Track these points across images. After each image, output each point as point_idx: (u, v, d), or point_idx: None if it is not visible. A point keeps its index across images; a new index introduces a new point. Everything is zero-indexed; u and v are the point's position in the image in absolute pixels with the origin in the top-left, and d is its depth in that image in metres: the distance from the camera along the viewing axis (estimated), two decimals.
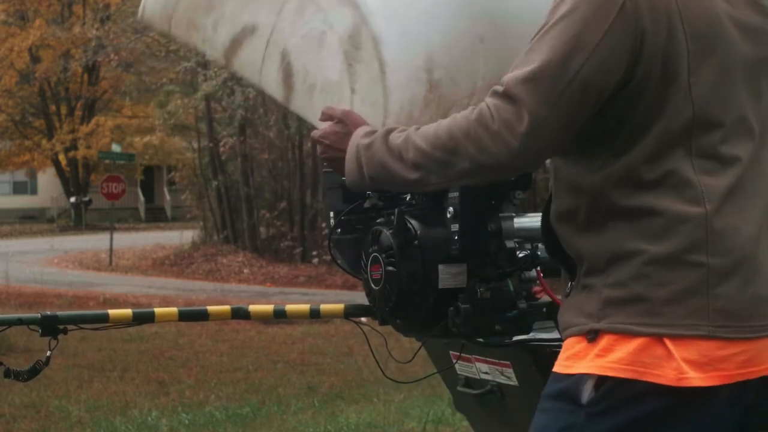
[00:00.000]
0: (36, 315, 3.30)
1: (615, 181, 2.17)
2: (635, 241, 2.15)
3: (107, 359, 11.01)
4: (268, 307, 3.53)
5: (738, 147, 2.21)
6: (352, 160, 2.36)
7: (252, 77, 2.87)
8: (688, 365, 2.11)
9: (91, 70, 39.35)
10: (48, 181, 46.99)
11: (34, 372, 3.27)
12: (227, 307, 3.49)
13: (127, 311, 3.38)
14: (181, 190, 35.88)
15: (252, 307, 3.46)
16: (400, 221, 3.00)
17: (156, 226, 41.38)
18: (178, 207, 43.82)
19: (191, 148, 29.65)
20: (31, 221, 45.23)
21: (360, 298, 3.42)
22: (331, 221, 3.38)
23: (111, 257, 25.73)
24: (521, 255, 3.04)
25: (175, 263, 25.21)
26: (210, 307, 3.46)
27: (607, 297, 2.17)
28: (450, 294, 3.03)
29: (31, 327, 3.32)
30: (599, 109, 2.15)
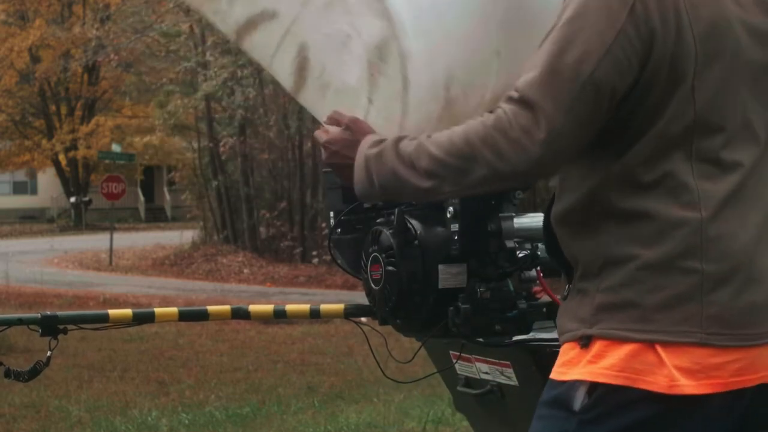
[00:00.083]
0: (36, 315, 3.30)
1: (614, 182, 2.15)
2: (629, 246, 2.13)
3: (107, 359, 11.01)
4: (268, 307, 3.53)
5: (741, 152, 2.18)
6: (361, 168, 2.30)
7: (261, 60, 2.81)
8: (680, 372, 2.10)
9: (91, 70, 39.35)
10: (48, 181, 46.99)
11: (34, 372, 3.27)
12: (227, 307, 3.49)
13: (127, 311, 3.38)
14: (181, 190, 35.87)
15: (252, 307, 3.46)
16: (400, 221, 3.00)
17: (156, 226, 41.38)
18: (178, 207, 43.82)
19: (191, 148, 29.65)
20: (31, 221, 45.23)
21: (360, 298, 3.42)
22: (331, 221, 3.38)
23: (111, 257, 25.73)
24: (521, 255, 3.04)
25: (175, 263, 25.21)
26: (210, 307, 3.46)
27: (600, 302, 2.16)
28: (450, 294, 3.03)
29: (31, 327, 3.32)
30: (613, 113, 2.13)
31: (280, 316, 3.47)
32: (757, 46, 2.21)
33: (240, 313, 3.44)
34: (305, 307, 3.46)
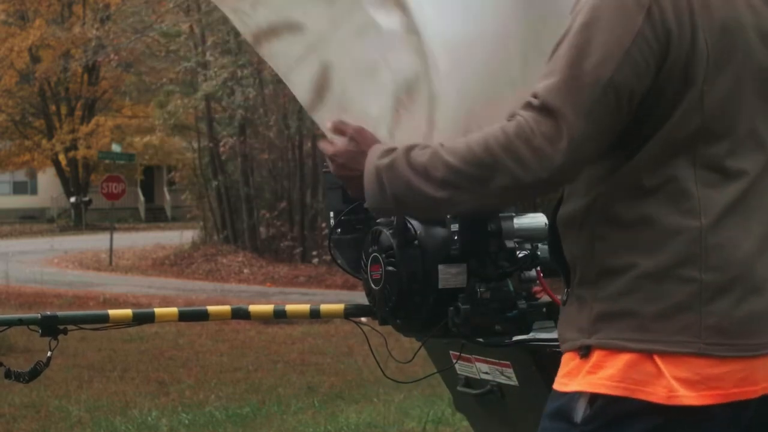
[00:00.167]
0: (36, 315, 3.30)
1: (619, 187, 2.13)
2: (628, 254, 2.11)
3: (107, 359, 11.01)
4: (268, 307, 3.53)
5: (746, 160, 2.15)
6: (371, 181, 2.20)
7: (277, 68, 2.72)
8: (679, 383, 2.07)
9: (91, 70, 39.35)
10: (48, 181, 46.99)
11: (34, 373, 3.27)
12: (227, 307, 3.49)
13: (127, 311, 3.38)
14: (181, 190, 35.87)
15: (252, 307, 3.46)
16: (400, 221, 3.00)
17: (156, 226, 41.38)
18: (178, 207, 43.82)
19: (191, 148, 29.65)
20: (31, 221, 45.23)
21: (360, 298, 3.42)
22: (331, 221, 3.38)
23: (111, 257, 25.73)
24: (521, 255, 3.04)
25: (175, 263, 25.21)
26: (210, 307, 3.46)
27: (598, 311, 2.13)
28: (450, 294, 3.03)
29: (31, 327, 3.32)
30: (631, 117, 2.10)
31: (280, 316, 3.47)
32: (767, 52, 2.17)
33: (240, 313, 3.44)
34: (305, 307, 3.47)
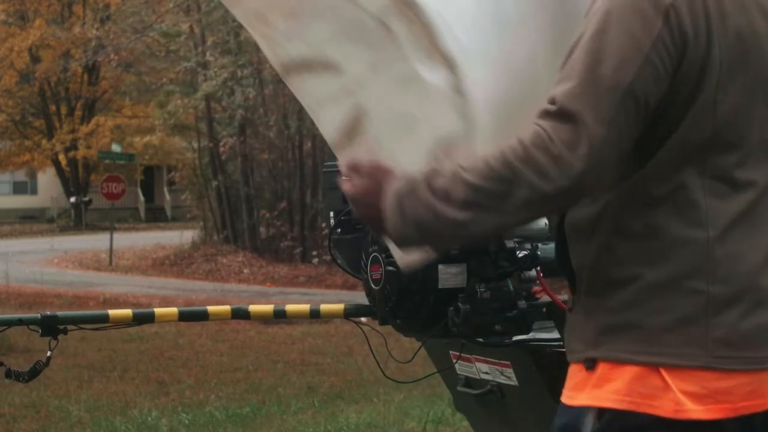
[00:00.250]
0: (36, 315, 3.31)
1: (627, 194, 2.09)
2: (633, 265, 2.08)
3: (107, 359, 11.01)
4: (268, 307, 3.54)
5: (756, 171, 2.12)
6: (393, 211, 2.09)
7: (304, 101, 2.58)
8: (687, 397, 2.04)
9: (91, 70, 39.35)
10: (48, 181, 46.98)
11: (34, 373, 3.27)
12: (227, 307, 3.50)
13: (127, 311, 3.39)
14: (181, 190, 35.86)
15: (252, 307, 3.47)
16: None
17: (156, 226, 41.36)
18: (178, 207, 43.81)
19: (191, 148, 29.64)
20: (31, 221, 45.22)
21: (360, 298, 3.42)
22: (331, 221, 3.38)
23: (111, 257, 25.73)
24: (521, 255, 3.04)
25: (175, 263, 25.20)
26: (210, 307, 3.46)
27: (604, 323, 2.10)
28: (450, 294, 3.03)
29: (31, 327, 3.32)
30: (648, 122, 2.06)
31: (280, 316, 3.47)
32: None
33: (240, 313, 3.45)
34: (305, 307, 3.47)
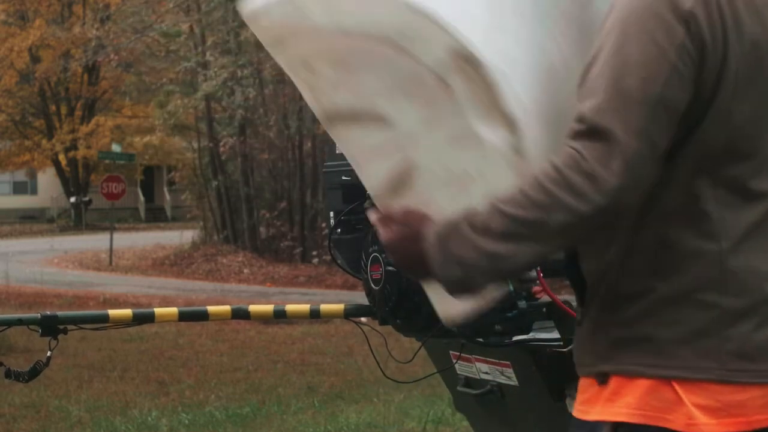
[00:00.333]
0: (36, 315, 3.31)
1: (641, 205, 2.05)
2: (645, 277, 2.06)
3: (107, 359, 11.01)
4: (268, 307, 3.54)
5: None
6: (435, 252, 2.04)
7: (345, 150, 2.47)
8: (700, 411, 2.02)
9: (91, 70, 39.35)
10: (48, 181, 46.99)
11: (34, 373, 3.27)
12: (227, 307, 3.50)
13: (127, 311, 3.39)
14: (181, 190, 35.86)
15: (252, 307, 3.47)
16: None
17: (156, 226, 41.36)
18: (178, 207, 43.81)
19: (191, 148, 29.64)
20: (31, 221, 45.22)
21: (360, 298, 3.42)
22: (331, 221, 3.38)
23: (111, 257, 25.73)
24: None
25: (175, 263, 25.20)
26: (210, 307, 3.46)
27: (616, 336, 2.08)
28: None
29: (31, 327, 3.32)
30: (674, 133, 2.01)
31: (280, 316, 3.47)
32: None
33: (240, 313, 3.45)
34: (305, 307, 3.47)
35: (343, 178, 3.35)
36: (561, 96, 2.15)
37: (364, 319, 3.51)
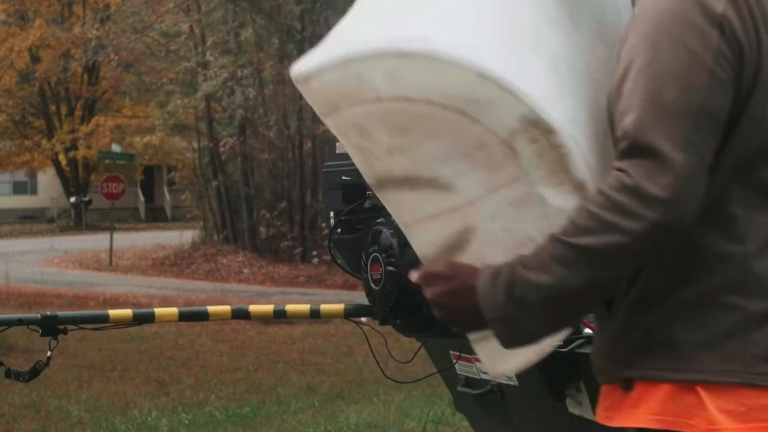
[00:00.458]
0: (36, 315, 3.31)
1: None
2: (668, 280, 2.03)
3: (107, 359, 11.02)
4: (268, 307, 3.54)
5: None
6: (489, 298, 1.99)
7: (394, 213, 2.37)
8: (724, 415, 1.99)
9: (91, 70, 39.35)
10: (48, 181, 46.99)
11: (34, 372, 3.28)
12: (227, 307, 3.50)
13: (127, 311, 3.39)
14: (181, 190, 35.86)
15: (252, 307, 3.47)
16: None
17: (156, 226, 41.36)
18: (178, 207, 43.82)
19: (191, 148, 29.64)
20: (31, 221, 45.22)
21: (360, 298, 3.42)
22: (331, 221, 3.38)
23: (111, 257, 25.73)
24: None
25: (175, 263, 25.21)
26: (210, 307, 3.47)
27: (639, 341, 2.05)
28: None
29: (31, 327, 3.33)
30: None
31: (280, 316, 3.48)
32: None
33: (240, 313, 3.45)
34: (305, 307, 3.47)
35: (343, 178, 3.36)
36: (609, 141, 2.13)
37: (364, 319, 3.52)
